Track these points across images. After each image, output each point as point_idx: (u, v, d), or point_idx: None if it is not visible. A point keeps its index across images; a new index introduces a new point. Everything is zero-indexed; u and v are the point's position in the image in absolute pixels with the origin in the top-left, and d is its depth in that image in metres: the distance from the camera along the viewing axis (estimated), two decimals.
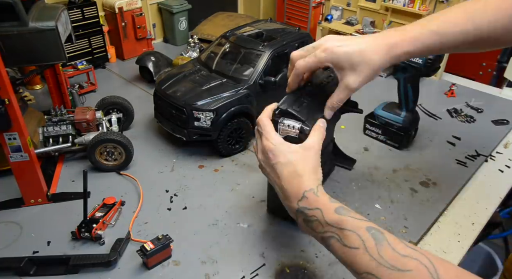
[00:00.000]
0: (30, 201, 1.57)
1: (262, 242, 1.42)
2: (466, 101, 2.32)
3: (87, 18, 2.51)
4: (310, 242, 1.42)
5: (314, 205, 0.95)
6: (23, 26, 1.47)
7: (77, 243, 1.41)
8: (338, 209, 0.92)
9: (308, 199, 0.96)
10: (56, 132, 1.78)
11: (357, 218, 0.88)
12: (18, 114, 1.35)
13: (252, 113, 1.86)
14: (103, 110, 1.92)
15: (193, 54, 2.64)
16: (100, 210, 1.49)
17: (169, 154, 1.89)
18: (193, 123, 1.76)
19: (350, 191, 1.65)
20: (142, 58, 2.42)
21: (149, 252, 1.26)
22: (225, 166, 1.81)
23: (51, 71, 1.94)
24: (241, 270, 1.31)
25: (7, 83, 1.26)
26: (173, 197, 1.62)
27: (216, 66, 1.94)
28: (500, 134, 2.05)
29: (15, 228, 1.48)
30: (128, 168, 1.78)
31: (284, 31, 2.04)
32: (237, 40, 1.97)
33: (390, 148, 1.93)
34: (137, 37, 2.79)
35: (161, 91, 1.86)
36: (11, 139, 1.39)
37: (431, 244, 1.42)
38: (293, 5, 3.18)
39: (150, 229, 1.47)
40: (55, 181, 1.71)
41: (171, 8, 2.93)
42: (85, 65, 2.39)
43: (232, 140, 1.85)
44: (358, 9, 3.04)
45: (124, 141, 1.71)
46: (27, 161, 1.46)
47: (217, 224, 1.50)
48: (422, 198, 1.63)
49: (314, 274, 1.30)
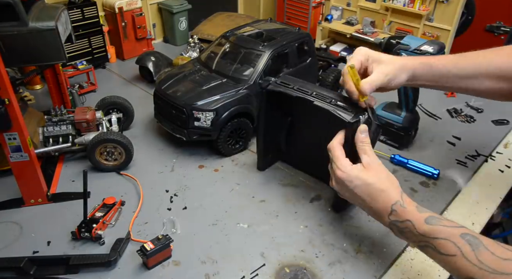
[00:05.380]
0: (30, 201, 1.57)
1: (262, 242, 1.42)
2: (466, 101, 2.32)
3: (87, 18, 2.51)
4: (310, 242, 1.42)
5: (403, 217, 0.99)
6: (23, 26, 1.47)
7: (77, 243, 1.41)
8: (429, 219, 0.94)
9: (397, 212, 1.00)
10: (56, 132, 1.78)
11: (450, 226, 0.90)
12: (18, 114, 1.35)
13: (252, 113, 1.86)
14: (103, 110, 1.92)
15: (193, 54, 2.65)
16: (100, 210, 1.49)
17: (169, 154, 1.89)
18: (193, 123, 1.76)
19: None
20: (142, 58, 2.42)
21: (149, 252, 1.27)
22: (225, 166, 1.81)
23: (51, 71, 1.94)
24: (241, 270, 1.31)
25: (7, 83, 1.26)
26: (173, 197, 1.62)
27: (216, 66, 1.94)
28: (500, 134, 2.05)
29: (15, 228, 1.48)
30: (128, 168, 1.78)
31: (284, 31, 2.04)
32: (237, 40, 1.97)
33: (390, 148, 1.93)
34: (137, 37, 2.80)
35: (161, 91, 1.86)
36: (11, 139, 1.39)
37: None
38: (293, 5, 3.18)
39: (150, 229, 1.47)
40: (55, 181, 1.71)
41: (171, 8, 2.93)
42: (85, 65, 2.39)
43: (232, 140, 1.85)
44: (358, 9, 3.04)
45: (124, 141, 1.71)
46: (27, 161, 1.46)
47: (217, 224, 1.50)
48: (422, 198, 1.63)
49: (314, 274, 1.30)
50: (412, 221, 0.95)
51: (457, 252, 0.82)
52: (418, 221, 0.94)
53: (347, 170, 1.09)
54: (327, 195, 1.60)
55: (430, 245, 0.89)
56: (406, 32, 2.82)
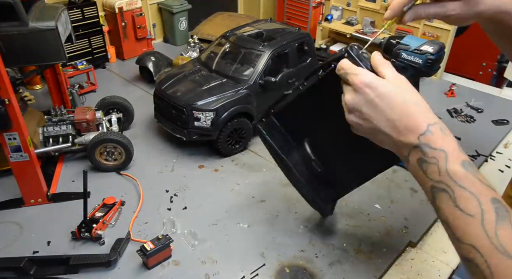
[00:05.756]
0: (30, 201, 1.57)
1: (262, 242, 1.42)
2: (466, 101, 2.32)
3: (87, 18, 2.52)
4: (310, 242, 1.42)
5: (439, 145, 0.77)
6: (23, 26, 1.47)
7: (77, 243, 1.41)
8: (466, 163, 0.74)
9: (434, 135, 0.77)
10: (56, 132, 1.78)
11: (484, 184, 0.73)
12: (18, 114, 1.35)
13: (252, 113, 1.86)
14: (103, 110, 1.92)
15: (193, 54, 2.65)
16: (100, 210, 1.49)
17: (169, 154, 1.89)
18: (193, 123, 1.76)
19: None
20: (142, 58, 2.42)
21: (149, 252, 1.27)
22: (225, 166, 1.81)
23: (51, 71, 1.94)
24: (241, 270, 1.31)
25: (7, 83, 1.26)
26: (173, 197, 1.63)
27: (216, 66, 1.94)
28: (500, 134, 2.05)
29: (15, 228, 1.48)
30: (128, 168, 1.78)
31: (284, 31, 2.04)
32: (237, 40, 1.97)
33: None
34: (137, 37, 2.80)
35: (161, 91, 1.86)
36: (11, 139, 1.39)
37: (431, 244, 1.42)
38: (293, 5, 3.18)
39: (150, 229, 1.47)
40: (55, 181, 1.71)
41: (171, 8, 2.93)
42: (85, 65, 2.39)
43: (232, 140, 1.85)
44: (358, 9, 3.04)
45: (124, 141, 1.72)
46: (27, 161, 1.46)
47: (217, 224, 1.50)
48: (422, 198, 1.63)
49: (314, 274, 1.30)
50: (448, 153, 0.75)
51: (477, 214, 0.68)
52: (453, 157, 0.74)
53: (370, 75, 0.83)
54: None
55: (449, 191, 0.73)
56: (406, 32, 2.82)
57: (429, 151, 0.77)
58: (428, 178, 0.78)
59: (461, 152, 0.76)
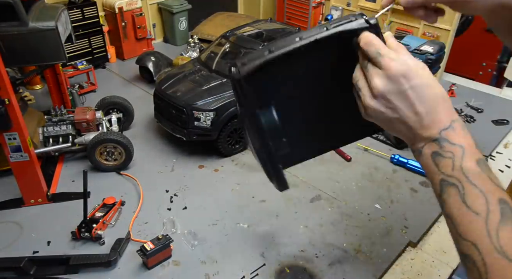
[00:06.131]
0: (30, 201, 1.57)
1: (262, 242, 1.42)
2: (466, 101, 2.32)
3: (87, 18, 2.51)
4: (310, 242, 1.42)
5: (458, 140, 0.76)
6: (23, 26, 1.47)
7: (77, 243, 1.41)
8: (481, 161, 0.74)
9: (455, 131, 0.76)
10: (56, 132, 1.78)
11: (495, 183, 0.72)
12: (18, 114, 1.35)
13: None
14: (103, 110, 1.92)
15: (193, 54, 2.64)
16: (100, 210, 1.49)
17: (169, 154, 1.89)
18: (193, 123, 1.76)
19: (350, 191, 1.64)
20: (142, 58, 2.42)
21: (149, 252, 1.26)
22: (225, 166, 1.81)
23: (51, 71, 1.94)
24: (241, 270, 1.31)
25: (7, 83, 1.26)
26: (173, 197, 1.62)
27: (216, 66, 1.94)
28: (500, 134, 2.05)
29: (15, 228, 1.48)
30: (128, 168, 1.78)
31: (284, 31, 2.05)
32: (237, 40, 1.97)
33: (390, 148, 1.93)
34: (137, 37, 2.79)
35: (161, 91, 1.86)
36: (11, 139, 1.39)
37: (431, 244, 1.42)
38: (293, 5, 3.18)
39: (150, 229, 1.47)
40: (55, 181, 1.71)
41: (171, 8, 2.93)
42: (85, 65, 2.39)
43: (232, 140, 1.85)
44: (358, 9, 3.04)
45: (124, 141, 1.71)
46: (27, 161, 1.46)
47: (217, 224, 1.50)
48: (422, 198, 1.63)
49: (314, 274, 1.30)
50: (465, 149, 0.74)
51: (482, 213, 0.68)
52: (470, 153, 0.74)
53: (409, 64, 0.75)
54: (327, 195, 1.60)
55: (458, 187, 0.72)
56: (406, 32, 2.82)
57: (447, 146, 0.76)
58: (440, 171, 0.76)
59: (477, 150, 0.74)
